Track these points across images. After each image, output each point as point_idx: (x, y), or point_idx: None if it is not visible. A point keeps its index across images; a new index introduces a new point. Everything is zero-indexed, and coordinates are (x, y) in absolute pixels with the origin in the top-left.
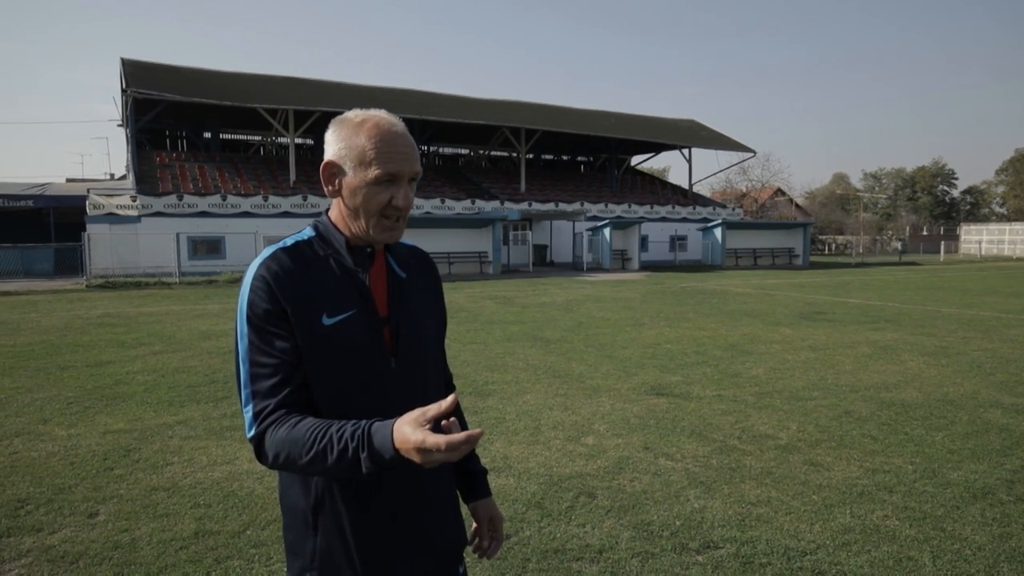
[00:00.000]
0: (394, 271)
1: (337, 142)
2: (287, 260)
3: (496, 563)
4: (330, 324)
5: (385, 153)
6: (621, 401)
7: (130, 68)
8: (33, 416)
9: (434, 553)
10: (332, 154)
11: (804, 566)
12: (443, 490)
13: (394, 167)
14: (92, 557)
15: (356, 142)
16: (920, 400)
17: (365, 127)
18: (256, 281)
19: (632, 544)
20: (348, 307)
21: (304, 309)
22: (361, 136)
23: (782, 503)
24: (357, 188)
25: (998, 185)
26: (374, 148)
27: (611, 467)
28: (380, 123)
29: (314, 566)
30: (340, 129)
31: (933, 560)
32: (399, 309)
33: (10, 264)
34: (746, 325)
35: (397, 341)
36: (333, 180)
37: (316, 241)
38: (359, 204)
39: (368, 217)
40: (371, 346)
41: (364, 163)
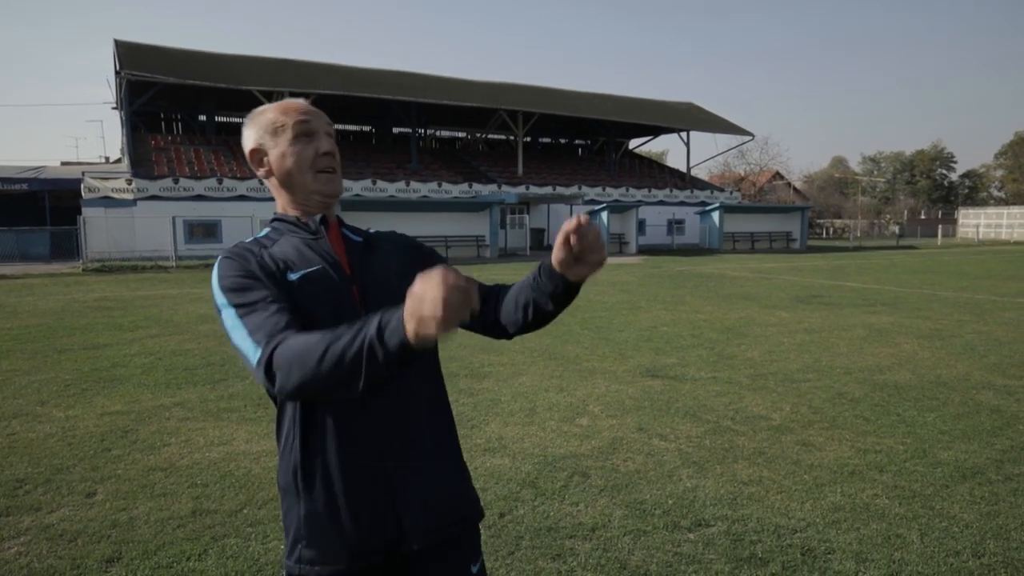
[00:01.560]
0: (349, 238)
1: (251, 130)
2: (244, 249)
3: (488, 541)
4: (296, 278)
5: (292, 114)
6: (616, 383)
7: (124, 50)
8: (31, 398)
9: (425, 506)
10: (251, 142)
11: (793, 543)
12: (437, 436)
13: (305, 118)
14: (90, 535)
15: (266, 119)
16: (913, 382)
17: (270, 108)
18: (220, 268)
19: (624, 522)
20: (311, 264)
21: (270, 270)
22: (268, 113)
23: (773, 482)
24: (283, 153)
25: (997, 169)
26: (283, 114)
27: (605, 447)
28: (281, 101)
29: (302, 535)
30: (250, 120)
31: (921, 537)
32: (361, 269)
33: (6, 248)
34: (742, 308)
35: (366, 299)
36: (261, 161)
37: (272, 233)
38: (291, 166)
39: (303, 175)
40: (341, 300)
41: (278, 130)
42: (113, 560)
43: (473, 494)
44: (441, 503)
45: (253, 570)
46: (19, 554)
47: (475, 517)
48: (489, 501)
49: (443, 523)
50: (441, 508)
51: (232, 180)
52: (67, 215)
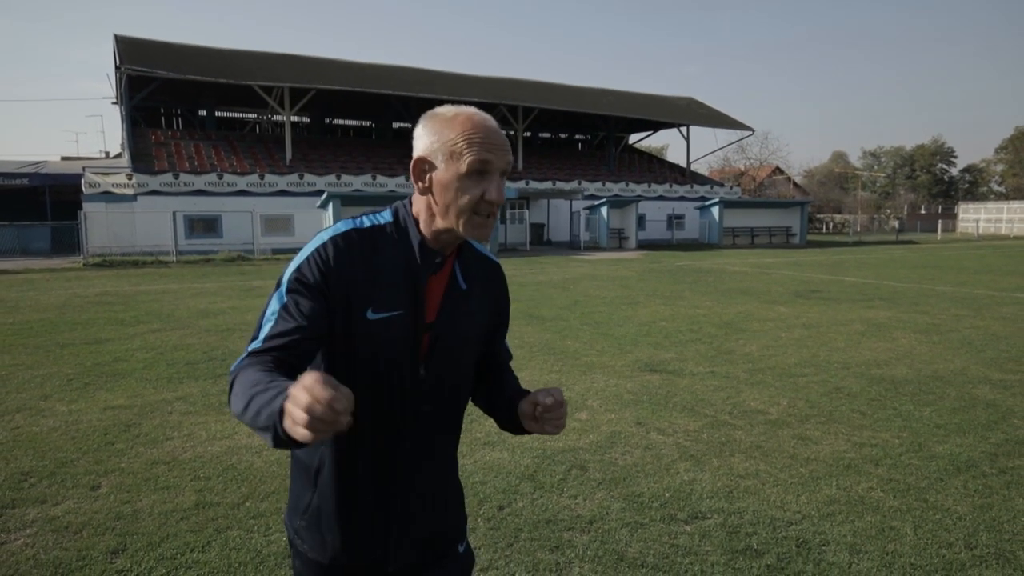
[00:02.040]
0: (456, 281)
1: (427, 136)
2: (356, 242)
3: (488, 533)
4: (374, 319)
5: (478, 143)
6: (615, 378)
7: (124, 45)
8: (34, 392)
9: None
10: (422, 149)
11: (789, 535)
12: (448, 483)
13: (488, 156)
14: (95, 527)
15: (448, 136)
16: (910, 376)
17: (457, 120)
18: (318, 251)
19: (622, 515)
20: (396, 307)
21: (352, 297)
22: (452, 131)
23: (770, 475)
24: (449, 183)
25: (997, 163)
26: (466, 139)
27: (603, 441)
28: (473, 116)
29: (306, 517)
30: (431, 123)
31: (915, 529)
32: (447, 319)
33: (7, 243)
34: (741, 303)
35: (433, 349)
36: (423, 176)
37: (391, 228)
38: (450, 200)
39: (459, 214)
40: (406, 350)
41: (456, 155)
42: (118, 551)
43: (462, 522)
44: (430, 541)
45: (256, 561)
46: (26, 545)
47: (462, 532)
48: (488, 494)
49: (425, 553)
50: (428, 544)
51: (232, 175)
52: (68, 210)
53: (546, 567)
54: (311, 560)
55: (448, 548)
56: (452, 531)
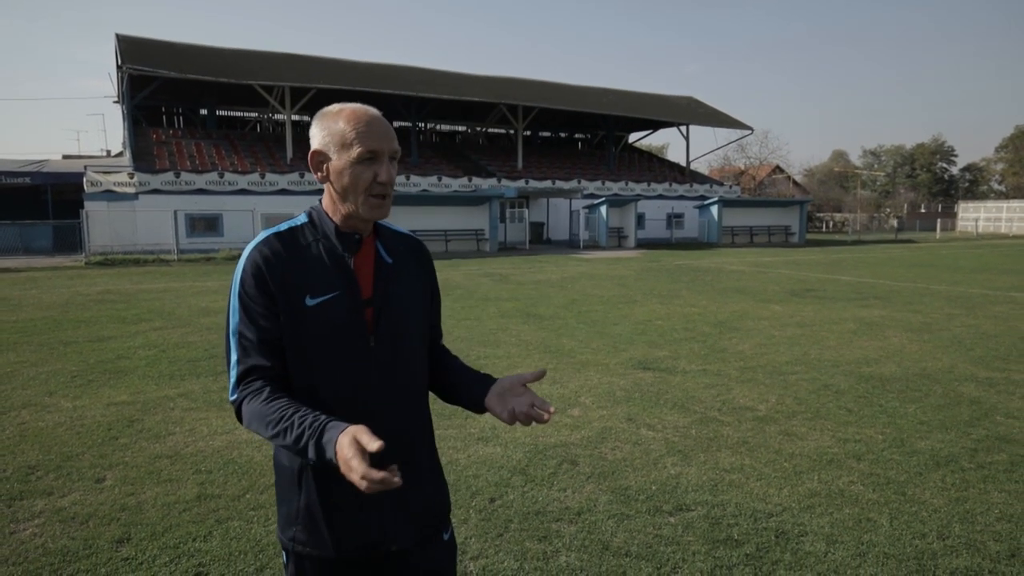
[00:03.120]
0: (381, 257)
1: (320, 131)
2: (278, 245)
3: (479, 524)
4: (313, 304)
5: (364, 133)
6: (608, 375)
7: (125, 44)
8: (39, 389)
9: (409, 517)
10: (317, 143)
11: (769, 526)
12: (423, 458)
13: (374, 144)
14: (101, 518)
15: (337, 128)
16: (898, 374)
17: (343, 114)
18: (248, 264)
19: (609, 507)
20: (331, 289)
21: (290, 291)
22: (340, 122)
23: (754, 470)
24: (343, 169)
25: (997, 162)
26: (353, 130)
27: (594, 437)
28: (356, 110)
29: (299, 521)
30: (322, 120)
31: (890, 521)
32: (383, 292)
33: (9, 241)
34: (737, 302)
35: (379, 321)
36: (321, 167)
37: (308, 227)
38: (347, 184)
39: (356, 195)
40: (351, 325)
41: (346, 145)
42: (123, 541)
43: (446, 497)
44: (421, 515)
45: (256, 550)
46: (34, 535)
47: (446, 515)
48: (480, 487)
49: (420, 528)
50: (420, 519)
51: (233, 174)
52: (69, 209)
53: (534, 556)
54: (315, 558)
55: (436, 528)
56: (440, 506)
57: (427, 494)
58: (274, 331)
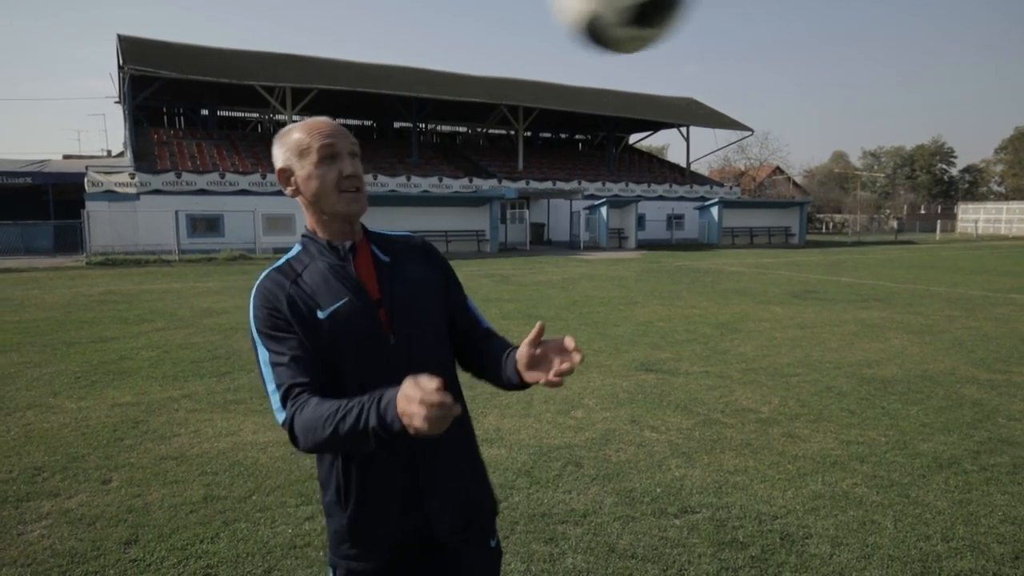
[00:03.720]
0: (378, 257)
1: (279, 150)
2: (278, 276)
3: None
4: (325, 315)
5: (318, 134)
6: (611, 377)
7: (127, 45)
8: (43, 390)
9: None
10: (280, 162)
11: (774, 528)
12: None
13: (330, 140)
14: (108, 519)
15: (292, 139)
16: (900, 376)
17: (296, 127)
18: (256, 300)
19: (614, 509)
20: (339, 297)
21: (300, 310)
22: (294, 133)
23: (758, 472)
24: (309, 175)
25: (997, 164)
26: (307, 135)
27: (598, 439)
28: (307, 120)
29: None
30: (278, 140)
31: (894, 523)
32: (390, 290)
33: (10, 241)
34: (737, 304)
35: (393, 320)
36: (289, 181)
37: (303, 254)
38: (316, 188)
39: (329, 196)
40: (367, 327)
41: (304, 151)
42: (131, 542)
43: (490, 490)
44: (463, 504)
45: (263, 552)
46: (42, 536)
47: (492, 509)
48: None
49: (465, 518)
50: (463, 508)
51: (234, 174)
52: (70, 209)
53: (540, 558)
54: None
55: (484, 525)
56: (481, 498)
57: (474, 487)
58: (301, 348)
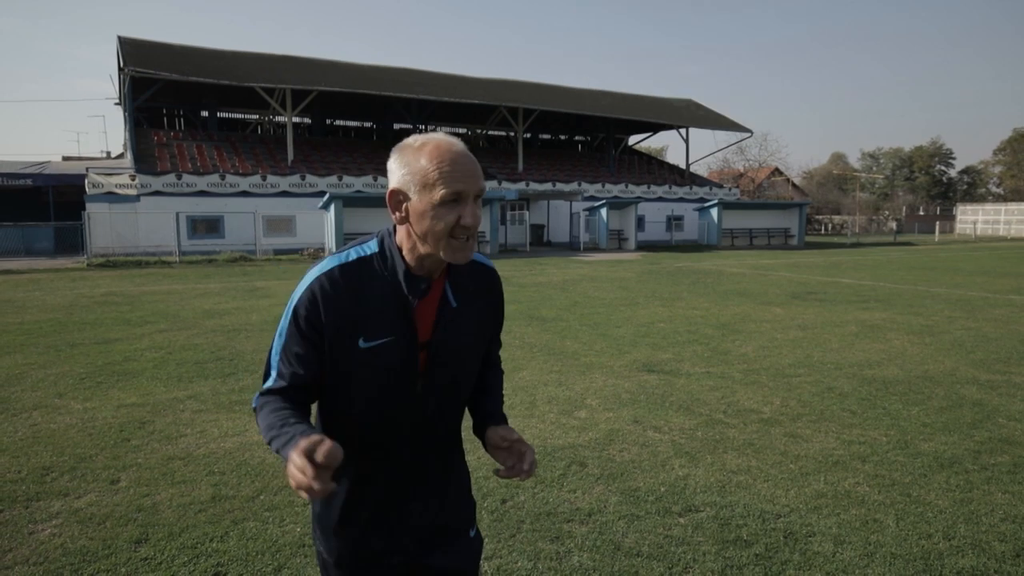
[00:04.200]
0: (447, 299)
1: (400, 168)
2: (340, 280)
3: (492, 525)
4: (365, 347)
5: (448, 173)
6: (613, 377)
7: (127, 47)
8: (48, 391)
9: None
10: (396, 181)
11: (777, 527)
12: (447, 480)
13: (459, 186)
14: (118, 518)
15: (419, 166)
16: (901, 377)
17: (426, 150)
18: (307, 292)
19: (619, 508)
20: (388, 333)
21: (343, 328)
22: (423, 159)
23: (761, 471)
24: (424, 212)
25: (995, 165)
26: (437, 169)
27: (602, 439)
28: (440, 144)
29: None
30: (401, 155)
31: (896, 522)
32: (442, 336)
33: (11, 243)
34: (738, 305)
35: (431, 364)
36: (400, 206)
37: (377, 259)
38: (427, 228)
39: (437, 240)
40: (402, 369)
41: (428, 185)
42: (141, 541)
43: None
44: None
45: (272, 550)
46: (53, 535)
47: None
48: (492, 488)
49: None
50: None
51: (235, 176)
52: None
53: (547, 556)
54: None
55: (460, 532)
56: (456, 521)
57: (447, 514)
58: (312, 360)
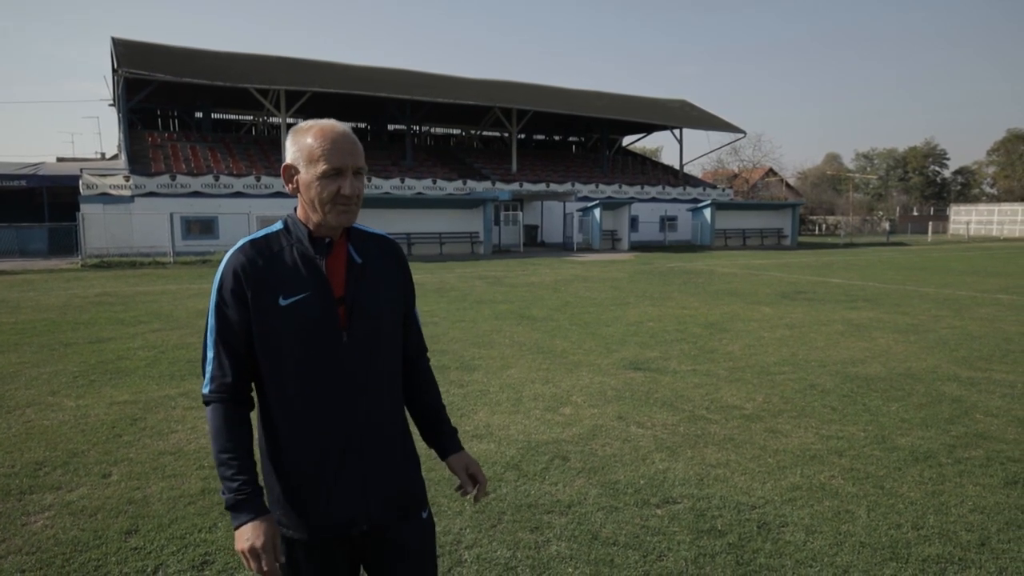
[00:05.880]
0: (352, 257)
1: (291, 147)
2: (252, 251)
3: (474, 515)
4: (285, 304)
5: (329, 150)
6: (600, 375)
7: (121, 48)
8: (42, 389)
9: (380, 502)
10: (288, 158)
11: (751, 518)
12: (394, 446)
13: (337, 161)
14: (109, 511)
15: (305, 143)
16: (883, 374)
17: (312, 131)
18: (226, 269)
19: (599, 500)
20: (303, 289)
21: (263, 293)
22: (308, 138)
23: (739, 465)
24: (310, 182)
25: (989, 165)
26: (320, 147)
27: (585, 434)
28: (324, 127)
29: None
30: (293, 136)
31: (868, 512)
32: (354, 290)
33: (5, 243)
34: (727, 304)
35: (351, 318)
36: (291, 179)
37: (283, 233)
38: (313, 196)
39: (323, 205)
40: (323, 322)
41: (313, 160)
42: (131, 532)
43: (418, 486)
44: (393, 498)
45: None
46: (45, 527)
47: (422, 499)
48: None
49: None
50: (392, 503)
51: (228, 177)
52: (65, 211)
53: (525, 545)
54: (296, 539)
55: (413, 511)
56: (415, 490)
57: (398, 481)
58: (245, 335)
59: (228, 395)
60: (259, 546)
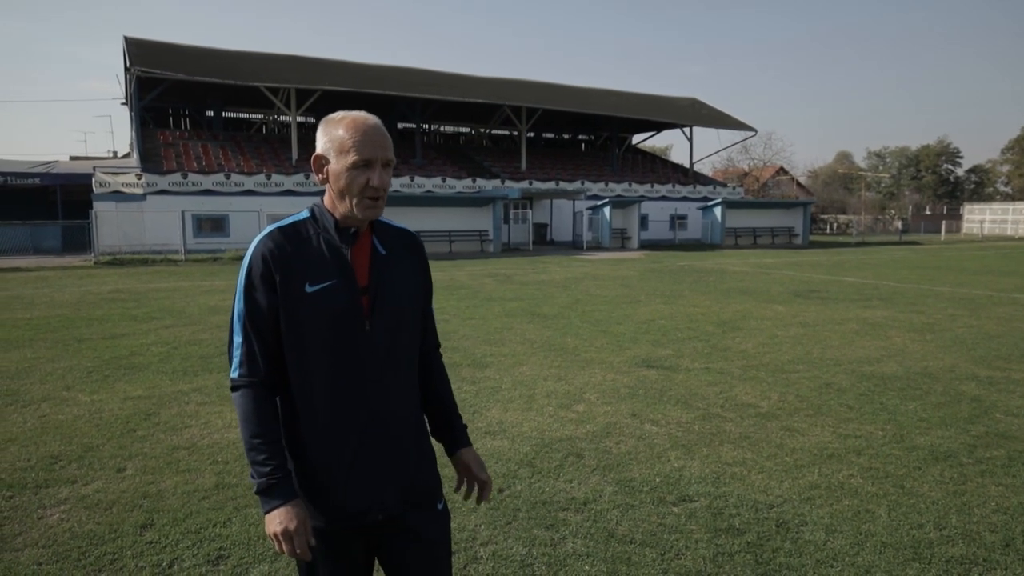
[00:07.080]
0: (377, 249)
1: (322, 137)
2: (281, 238)
3: (489, 512)
4: (312, 291)
5: (360, 142)
6: (613, 373)
7: (133, 47)
8: (56, 383)
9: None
10: (319, 148)
11: (770, 516)
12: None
13: (368, 153)
14: (124, 504)
15: (336, 135)
16: (900, 373)
17: (344, 123)
18: (254, 255)
19: (614, 497)
20: (329, 277)
21: (291, 279)
22: (340, 130)
23: (756, 463)
24: (340, 173)
25: (1003, 164)
26: (351, 138)
27: (599, 431)
28: (356, 118)
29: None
30: (325, 126)
31: (888, 512)
32: (378, 280)
33: (20, 241)
34: (740, 302)
35: (374, 307)
36: (321, 169)
37: (310, 222)
38: (343, 187)
39: (351, 197)
40: (348, 311)
41: (343, 152)
42: (147, 526)
43: (434, 478)
44: (408, 489)
45: None
46: (61, 520)
47: (434, 500)
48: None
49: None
50: (407, 493)
51: (239, 175)
52: (78, 209)
53: (541, 542)
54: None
55: (428, 502)
56: (431, 481)
57: (413, 472)
58: (273, 319)
59: (258, 379)
60: (292, 529)
